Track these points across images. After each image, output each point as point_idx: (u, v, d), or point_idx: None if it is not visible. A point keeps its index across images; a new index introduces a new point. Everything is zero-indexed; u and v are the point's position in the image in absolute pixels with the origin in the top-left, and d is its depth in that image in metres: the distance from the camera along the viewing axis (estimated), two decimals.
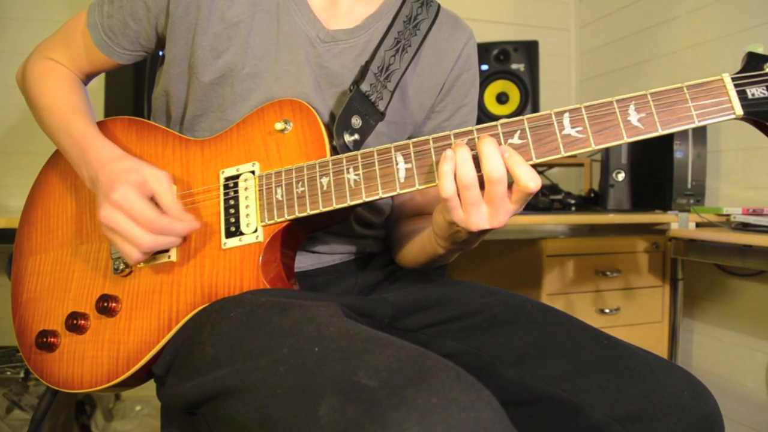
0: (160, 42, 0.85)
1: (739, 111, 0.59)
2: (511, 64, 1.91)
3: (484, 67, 1.92)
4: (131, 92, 1.57)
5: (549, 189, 1.87)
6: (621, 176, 1.75)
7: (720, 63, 1.78)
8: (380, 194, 0.67)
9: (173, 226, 0.70)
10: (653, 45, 2.03)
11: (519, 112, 1.91)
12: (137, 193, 0.69)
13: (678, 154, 1.67)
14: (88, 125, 0.80)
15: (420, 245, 0.82)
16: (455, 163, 0.61)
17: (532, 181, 0.60)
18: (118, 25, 0.82)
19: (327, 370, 0.49)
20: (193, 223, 0.72)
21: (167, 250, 0.74)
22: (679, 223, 1.63)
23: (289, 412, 0.49)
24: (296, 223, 0.73)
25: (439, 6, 0.89)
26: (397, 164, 0.67)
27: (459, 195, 0.62)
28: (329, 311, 0.59)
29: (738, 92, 0.59)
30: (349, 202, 0.69)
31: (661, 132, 0.60)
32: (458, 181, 0.61)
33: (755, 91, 0.59)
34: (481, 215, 0.62)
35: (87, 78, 0.91)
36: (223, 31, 0.79)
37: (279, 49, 0.80)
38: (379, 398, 0.44)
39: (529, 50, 1.92)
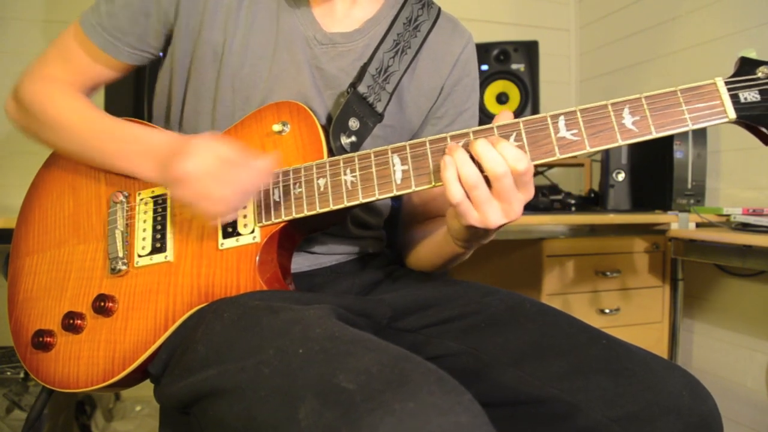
0: (168, 40, 0.83)
1: (732, 115, 0.60)
2: (511, 64, 1.91)
3: (484, 67, 1.92)
4: (131, 94, 1.57)
5: (549, 189, 1.87)
6: (621, 176, 1.75)
7: (720, 63, 1.78)
8: (377, 196, 0.67)
9: (252, 163, 0.69)
10: (653, 45, 2.03)
11: (519, 112, 1.90)
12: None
13: (678, 155, 1.67)
14: (129, 122, 0.79)
15: (436, 249, 0.82)
16: (456, 167, 0.61)
17: (518, 162, 0.60)
18: (127, 23, 0.80)
19: (309, 373, 0.49)
20: (270, 160, 0.70)
21: (165, 250, 0.74)
22: (679, 224, 1.63)
23: (271, 415, 0.49)
24: (293, 224, 0.73)
25: (439, 9, 0.89)
26: (393, 166, 0.67)
27: (468, 197, 0.62)
28: (318, 313, 0.58)
29: (731, 96, 0.60)
30: (346, 204, 0.69)
31: (655, 135, 0.61)
32: (464, 183, 0.61)
33: (747, 95, 0.60)
34: (496, 211, 0.63)
35: (90, 92, 0.87)
36: (227, 28, 0.79)
37: (277, 48, 0.80)
38: (356, 402, 0.44)
39: (529, 50, 1.92)
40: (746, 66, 0.61)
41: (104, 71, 0.84)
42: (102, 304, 0.73)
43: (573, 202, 1.78)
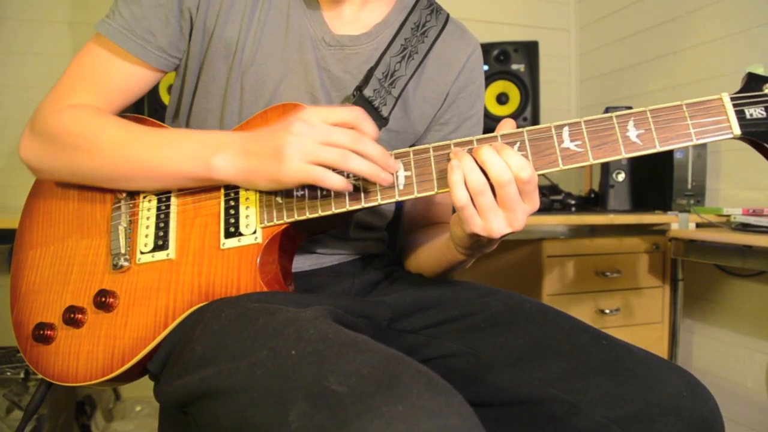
0: (186, 41, 0.81)
1: (737, 131, 0.60)
2: (512, 65, 1.91)
3: (485, 67, 1.92)
4: None
5: (549, 189, 1.87)
6: (621, 177, 1.75)
7: (720, 63, 1.78)
8: (379, 201, 0.68)
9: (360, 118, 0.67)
10: (653, 45, 2.03)
11: (519, 112, 1.91)
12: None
13: (678, 155, 1.67)
14: (176, 128, 0.77)
15: (439, 255, 0.82)
16: (463, 172, 0.61)
17: (522, 171, 0.60)
18: (157, 24, 0.77)
19: (301, 375, 0.49)
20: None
21: (167, 247, 0.75)
22: (680, 224, 1.63)
23: (263, 417, 0.49)
24: (295, 226, 0.73)
25: (448, 15, 0.89)
26: (396, 172, 0.67)
27: (473, 203, 0.62)
28: (314, 314, 0.58)
29: (736, 112, 0.60)
30: (348, 208, 0.69)
31: (659, 149, 0.61)
32: (470, 189, 0.61)
33: (753, 112, 0.60)
34: (500, 220, 0.63)
35: (117, 114, 0.82)
36: (242, 26, 0.79)
37: (286, 47, 0.80)
38: (346, 405, 0.44)
39: (529, 51, 1.92)
40: (753, 82, 0.61)
41: (133, 80, 0.80)
42: (103, 299, 0.73)
43: (573, 202, 1.78)
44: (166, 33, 0.78)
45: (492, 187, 0.62)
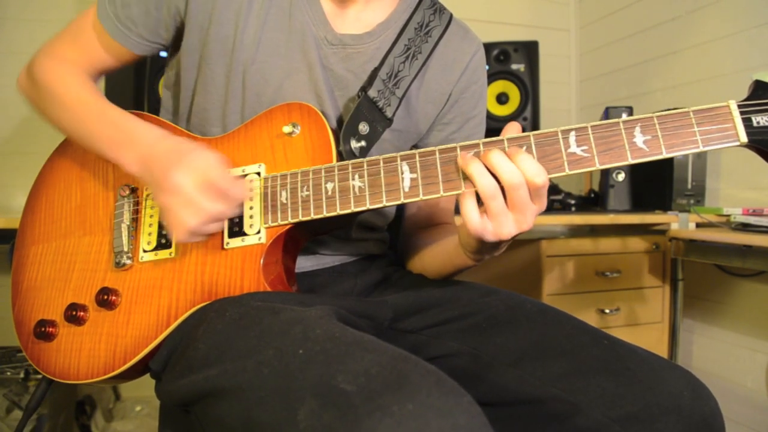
0: (178, 33, 0.83)
1: (744, 138, 0.60)
2: (512, 65, 1.91)
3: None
4: (131, 88, 1.57)
5: (549, 189, 1.87)
6: (621, 176, 1.75)
7: (720, 64, 1.78)
8: (384, 203, 0.68)
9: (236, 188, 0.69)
10: (653, 45, 2.03)
11: (519, 112, 1.91)
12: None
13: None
14: (124, 111, 0.80)
15: (445, 258, 0.82)
16: (474, 178, 0.61)
17: (537, 177, 0.60)
18: (139, 13, 0.80)
19: (308, 374, 0.49)
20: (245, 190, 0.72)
21: (170, 246, 0.75)
22: (680, 224, 1.63)
23: (270, 416, 0.49)
24: (299, 226, 0.73)
25: (451, 15, 0.89)
26: (402, 174, 0.67)
27: (485, 210, 0.63)
28: (319, 314, 0.58)
29: (743, 119, 0.60)
30: (353, 209, 0.69)
31: (665, 155, 0.61)
32: (482, 193, 0.61)
33: (760, 120, 0.60)
34: (510, 222, 0.63)
35: (97, 76, 0.89)
36: (238, 24, 0.79)
37: (289, 46, 0.80)
38: (355, 404, 0.44)
39: (529, 50, 1.92)
40: (760, 90, 0.61)
41: (112, 58, 0.85)
42: (105, 297, 0.73)
43: (573, 202, 1.78)
44: (145, 23, 0.81)
45: (502, 190, 0.62)
